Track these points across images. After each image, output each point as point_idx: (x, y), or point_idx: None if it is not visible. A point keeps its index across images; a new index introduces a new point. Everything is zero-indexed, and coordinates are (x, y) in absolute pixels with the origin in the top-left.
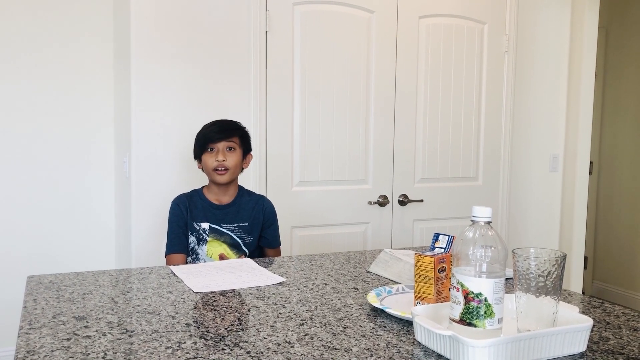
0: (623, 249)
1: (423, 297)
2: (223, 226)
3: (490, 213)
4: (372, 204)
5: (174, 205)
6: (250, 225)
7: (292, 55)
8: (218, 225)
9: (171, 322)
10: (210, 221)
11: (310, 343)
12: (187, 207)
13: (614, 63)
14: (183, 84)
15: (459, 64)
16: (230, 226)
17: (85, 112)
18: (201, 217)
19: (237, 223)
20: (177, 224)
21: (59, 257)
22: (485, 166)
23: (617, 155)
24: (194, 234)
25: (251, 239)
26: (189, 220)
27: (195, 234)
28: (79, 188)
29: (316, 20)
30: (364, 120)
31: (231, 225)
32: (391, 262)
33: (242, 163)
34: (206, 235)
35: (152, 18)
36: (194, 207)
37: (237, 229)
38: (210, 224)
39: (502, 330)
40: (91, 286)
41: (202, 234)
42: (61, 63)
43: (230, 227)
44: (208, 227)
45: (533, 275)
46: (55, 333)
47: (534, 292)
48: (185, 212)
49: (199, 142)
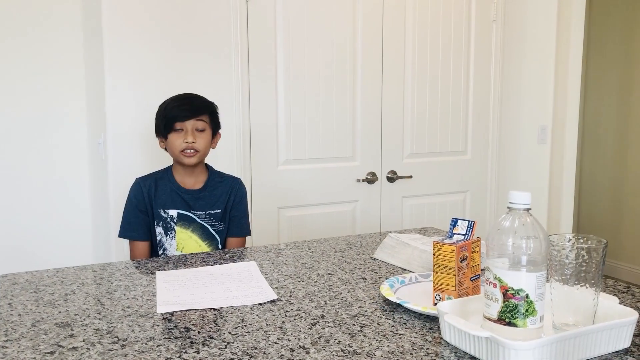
0: (607, 221)
1: (444, 288)
2: (194, 212)
3: (529, 199)
4: (360, 181)
5: (137, 186)
6: (222, 212)
7: (275, 26)
8: (188, 212)
9: (168, 326)
10: (179, 207)
11: (327, 347)
12: (153, 191)
13: (596, 35)
14: (159, 57)
15: (446, 34)
16: (202, 213)
17: (53, 91)
18: (169, 203)
19: (209, 210)
20: (137, 207)
21: (31, 251)
22: (474, 139)
23: (601, 128)
24: (161, 224)
25: (223, 226)
26: (155, 207)
27: (162, 224)
28: (49, 173)
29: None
30: (351, 95)
31: (202, 212)
32: (398, 248)
33: (211, 143)
34: (174, 224)
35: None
36: (162, 192)
37: (208, 216)
38: (179, 211)
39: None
40: (73, 285)
41: (170, 222)
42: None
43: (201, 215)
44: (177, 215)
45: (571, 264)
46: (37, 345)
47: (571, 283)
48: (147, 199)
49: (164, 120)
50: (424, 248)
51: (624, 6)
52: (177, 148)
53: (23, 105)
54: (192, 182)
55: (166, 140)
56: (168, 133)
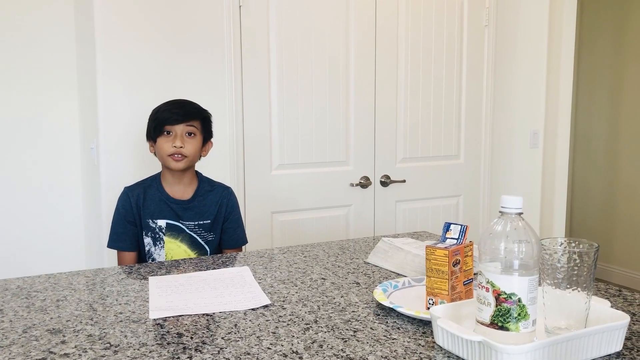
0: (599, 225)
1: (436, 293)
2: (182, 222)
3: (521, 203)
4: (354, 185)
5: (125, 197)
6: (212, 223)
7: (268, 31)
8: (177, 222)
9: (160, 332)
10: (167, 217)
11: (320, 352)
12: (141, 201)
13: (587, 40)
14: (153, 61)
15: (439, 39)
16: (191, 224)
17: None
18: (157, 213)
19: (198, 221)
20: (125, 218)
21: (22, 258)
22: (466, 144)
23: (593, 133)
24: (149, 234)
25: (213, 236)
26: (144, 217)
27: (151, 234)
28: (40, 179)
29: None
30: (344, 99)
31: (191, 222)
32: (391, 252)
33: (201, 150)
34: (162, 234)
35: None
36: (151, 201)
37: (197, 227)
38: (167, 221)
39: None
40: (65, 291)
41: (159, 233)
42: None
43: (190, 225)
44: (165, 225)
45: (563, 267)
46: (28, 352)
47: (563, 287)
48: (135, 209)
49: (154, 123)
50: (417, 252)
51: (615, 11)
52: (165, 152)
53: (11, 107)
54: (181, 191)
55: (155, 144)
56: (157, 136)
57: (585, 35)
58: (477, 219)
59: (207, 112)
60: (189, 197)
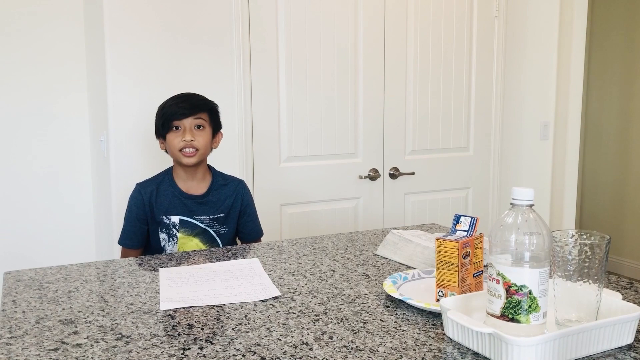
0: (609, 217)
1: (446, 285)
2: (196, 218)
3: (532, 195)
4: (362, 178)
5: (137, 194)
6: (225, 216)
7: (276, 23)
8: (190, 218)
9: (171, 322)
10: (180, 213)
11: (330, 343)
12: (153, 198)
13: (599, 31)
14: (162, 53)
15: (448, 30)
16: (205, 218)
17: (53, 85)
18: (171, 209)
19: (212, 215)
20: (137, 217)
21: (33, 250)
22: (476, 136)
23: (603, 124)
24: (164, 230)
25: (226, 229)
26: (156, 214)
27: (165, 230)
28: (50, 171)
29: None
30: (353, 91)
31: (205, 217)
32: (400, 244)
33: (212, 142)
34: (176, 231)
35: None
36: (163, 198)
37: (211, 221)
38: (180, 217)
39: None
40: (76, 282)
41: (172, 229)
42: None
43: (204, 220)
44: (178, 221)
45: (574, 260)
46: (41, 342)
47: (574, 279)
48: (147, 206)
49: (162, 120)
50: (426, 244)
51: (627, 3)
52: (176, 147)
53: (21, 99)
54: (194, 186)
55: (165, 141)
56: (166, 132)
57: (596, 27)
58: (486, 212)
59: (214, 103)
60: (203, 192)
